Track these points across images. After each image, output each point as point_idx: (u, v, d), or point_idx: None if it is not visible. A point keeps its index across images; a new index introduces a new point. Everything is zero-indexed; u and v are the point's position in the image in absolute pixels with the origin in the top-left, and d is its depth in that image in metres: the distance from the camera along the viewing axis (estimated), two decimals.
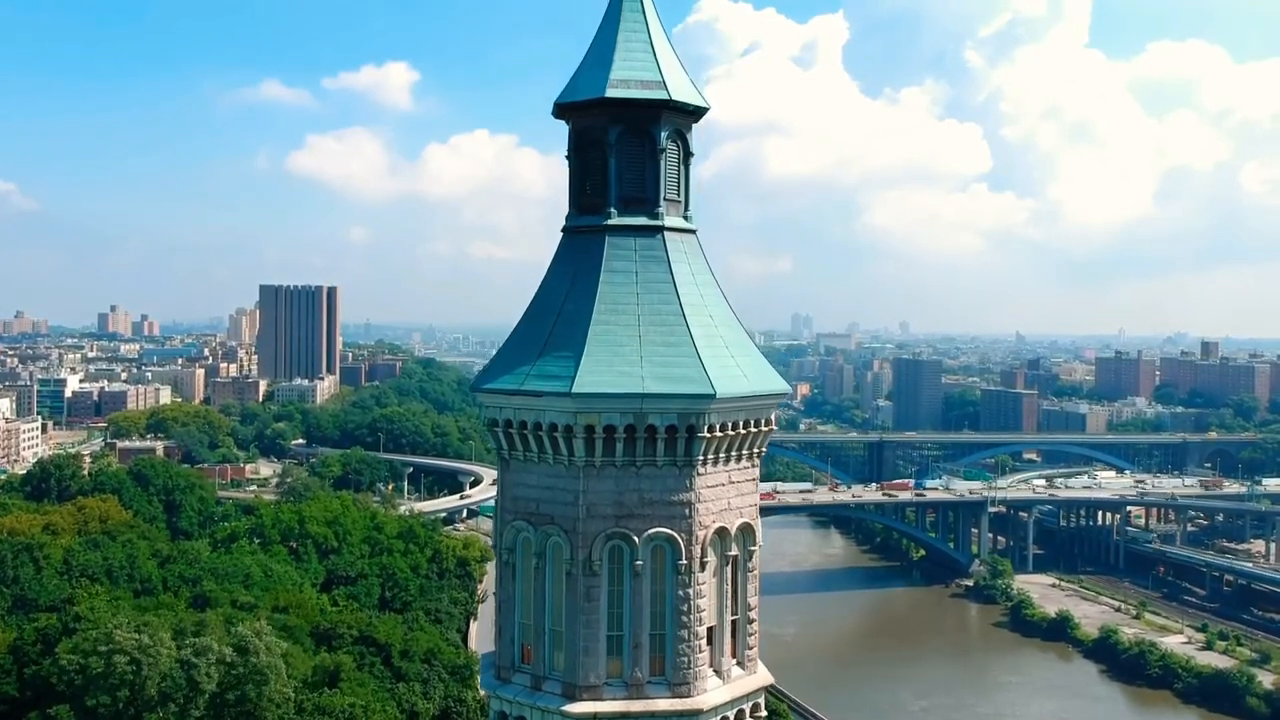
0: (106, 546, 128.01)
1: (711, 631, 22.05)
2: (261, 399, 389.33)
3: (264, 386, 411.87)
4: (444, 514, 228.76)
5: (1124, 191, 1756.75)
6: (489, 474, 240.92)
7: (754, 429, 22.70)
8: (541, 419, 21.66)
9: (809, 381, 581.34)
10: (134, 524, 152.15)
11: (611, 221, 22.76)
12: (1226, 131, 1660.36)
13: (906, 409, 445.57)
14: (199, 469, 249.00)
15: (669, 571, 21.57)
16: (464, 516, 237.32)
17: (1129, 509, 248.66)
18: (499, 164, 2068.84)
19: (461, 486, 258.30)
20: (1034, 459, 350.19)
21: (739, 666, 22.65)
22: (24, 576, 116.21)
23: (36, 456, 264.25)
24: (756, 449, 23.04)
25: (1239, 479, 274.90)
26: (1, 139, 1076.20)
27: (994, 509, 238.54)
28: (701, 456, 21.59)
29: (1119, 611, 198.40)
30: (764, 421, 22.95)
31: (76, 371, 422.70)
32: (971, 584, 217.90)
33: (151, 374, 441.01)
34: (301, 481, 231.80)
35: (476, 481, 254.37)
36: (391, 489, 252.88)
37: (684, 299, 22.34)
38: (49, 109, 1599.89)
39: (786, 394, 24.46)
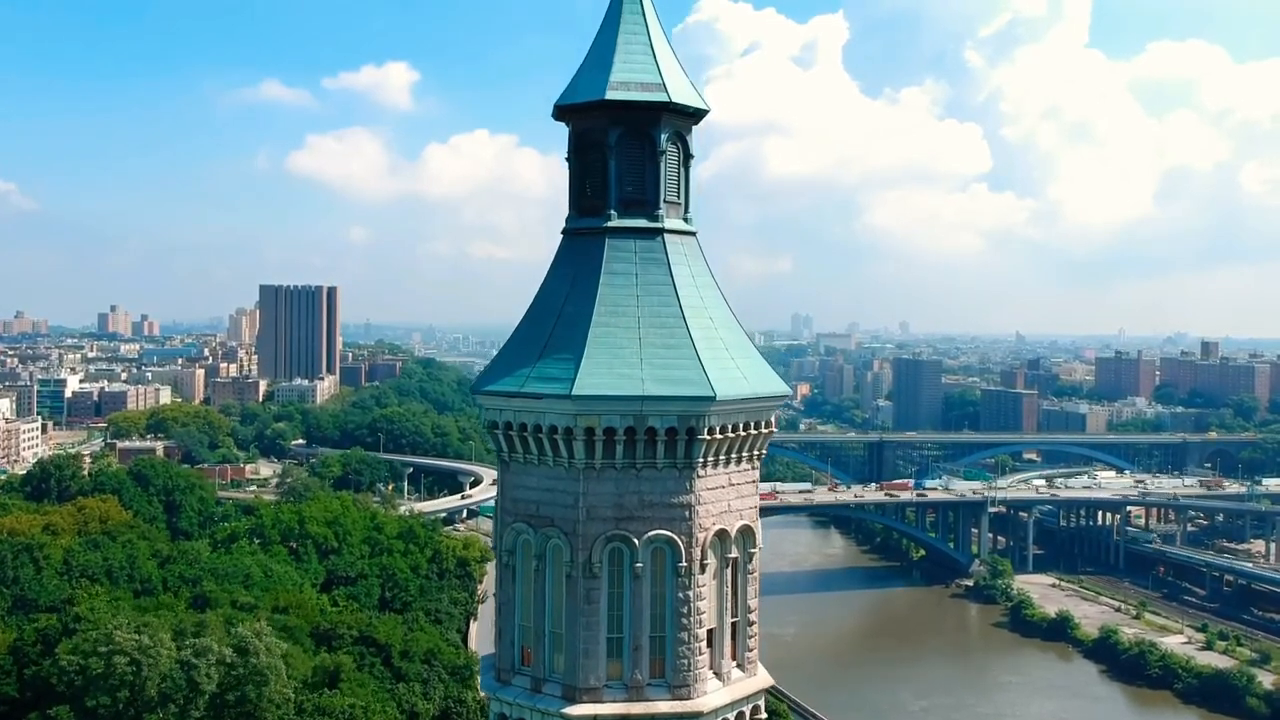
0: (106, 547, 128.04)
1: (711, 634, 22.02)
2: (261, 399, 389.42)
3: (264, 387, 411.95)
4: (444, 514, 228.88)
5: (1124, 191, 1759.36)
6: (489, 474, 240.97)
7: (754, 431, 22.68)
8: (541, 421, 21.64)
9: (809, 381, 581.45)
10: (134, 524, 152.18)
11: (611, 224, 22.73)
12: (1226, 131, 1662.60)
13: (906, 409, 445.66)
14: (199, 469, 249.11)
15: (669, 574, 21.55)
16: (464, 517, 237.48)
17: (1129, 509, 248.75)
18: (499, 164, 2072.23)
19: (461, 487, 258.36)
20: (1034, 459, 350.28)
21: (739, 669, 22.62)
22: (24, 577, 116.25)
23: (36, 457, 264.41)
24: (756, 451, 23.02)
25: (1239, 479, 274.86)
26: (1, 139, 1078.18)
27: (994, 509, 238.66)
28: (701, 459, 21.57)
29: (1119, 611, 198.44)
30: (764, 424, 22.94)
31: (76, 371, 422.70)
32: (971, 584, 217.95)
33: (151, 374, 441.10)
34: (301, 482, 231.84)
35: (476, 482, 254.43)
36: (391, 489, 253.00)
37: (684, 301, 22.31)
38: (49, 109, 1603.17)
39: (787, 396, 24.43)
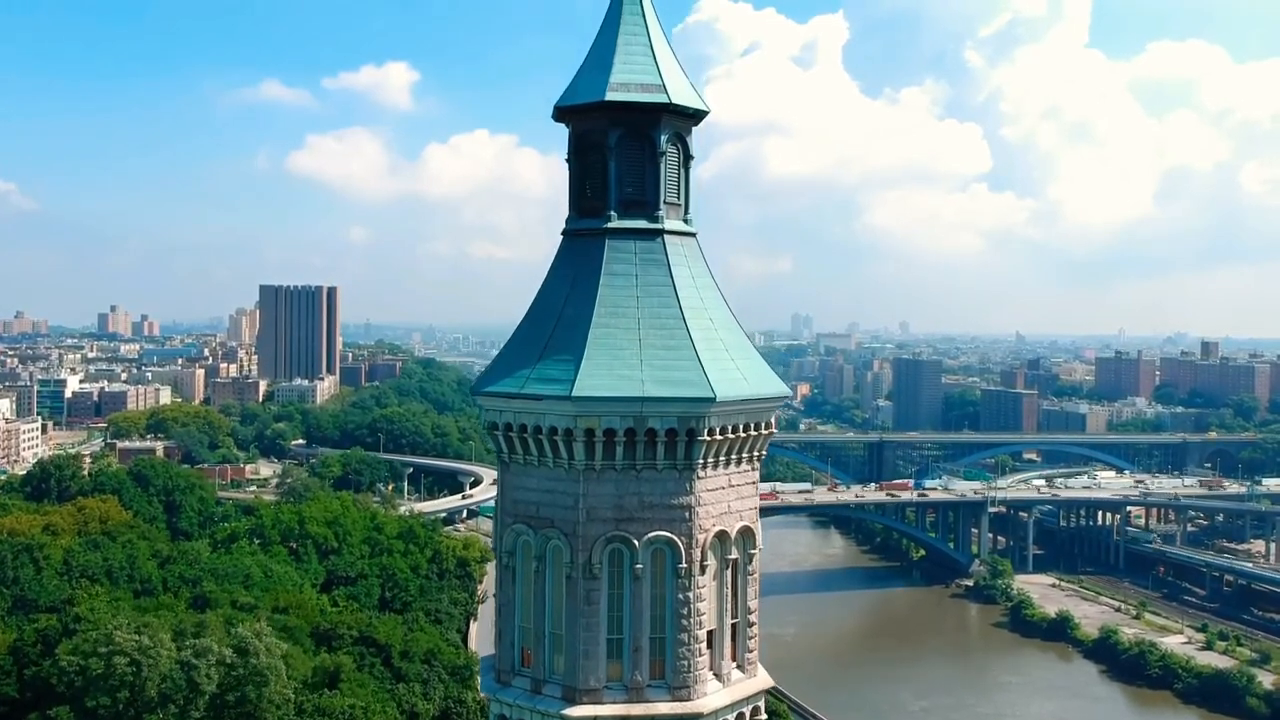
0: (106, 547, 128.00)
1: (711, 635, 22.02)
2: (261, 399, 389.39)
3: (264, 387, 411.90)
4: (444, 514, 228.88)
5: (1124, 191, 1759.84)
6: (489, 474, 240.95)
7: (754, 432, 22.68)
8: (541, 422, 21.64)
9: (809, 381, 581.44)
10: (134, 524, 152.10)
11: (611, 225, 22.72)
12: (1226, 131, 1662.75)
13: (906, 409, 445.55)
14: (199, 469, 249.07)
15: (669, 575, 21.55)
16: (464, 517, 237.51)
17: (1129, 509, 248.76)
18: (499, 164, 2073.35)
19: (461, 487, 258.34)
20: (1034, 459, 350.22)
21: (739, 670, 22.63)
22: (24, 577, 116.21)
23: (36, 457, 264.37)
24: (756, 452, 23.02)
25: (1239, 479, 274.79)
26: (1, 139, 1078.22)
27: (994, 509, 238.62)
28: (701, 460, 21.57)
29: (1119, 611, 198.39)
30: (764, 425, 22.94)
31: (76, 372, 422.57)
32: (971, 584, 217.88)
33: (151, 374, 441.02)
34: (301, 482, 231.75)
35: (476, 482, 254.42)
36: (391, 489, 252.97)
37: (684, 302, 22.31)
38: (49, 109, 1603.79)
39: (787, 397, 24.44)
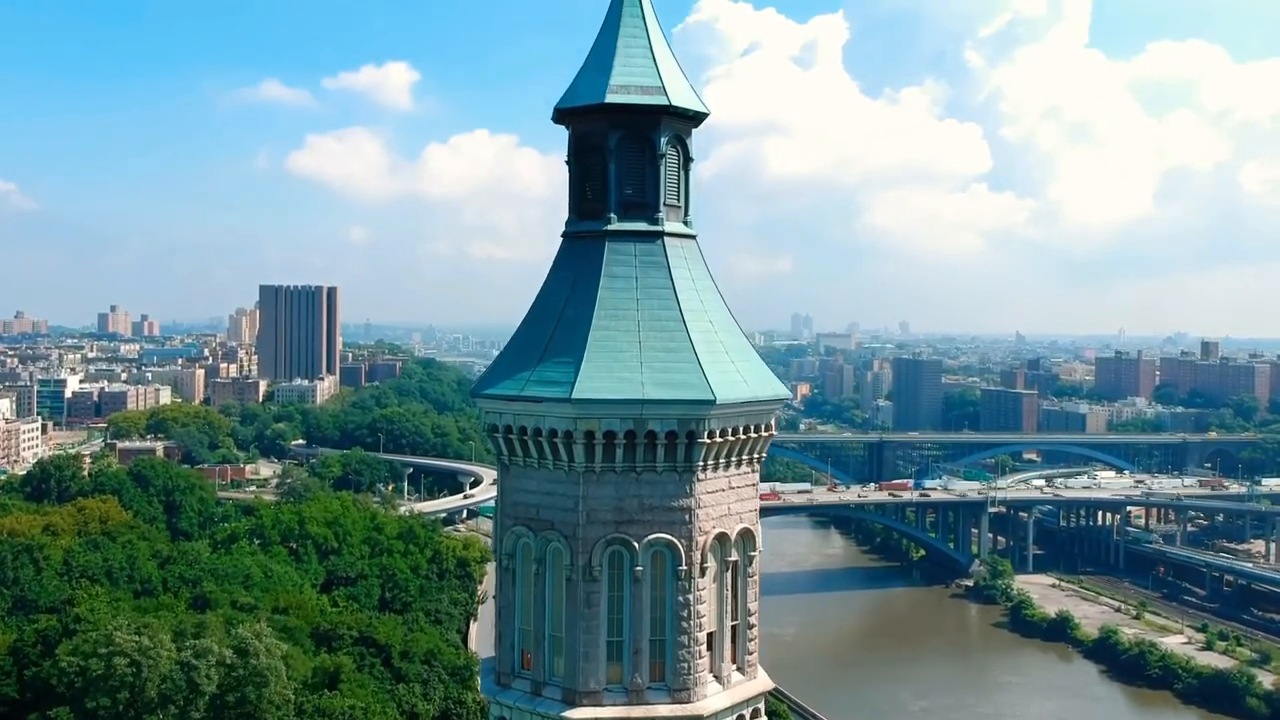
0: (106, 547, 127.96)
1: (711, 637, 22.01)
2: (261, 399, 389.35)
3: (264, 387, 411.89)
4: (444, 514, 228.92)
5: (1124, 191, 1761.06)
6: (489, 474, 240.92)
7: (754, 434, 22.67)
8: (541, 425, 21.63)
9: (809, 381, 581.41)
10: (134, 525, 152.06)
11: (611, 227, 22.71)
12: (1226, 131, 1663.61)
13: (906, 409, 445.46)
14: (199, 469, 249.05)
15: (669, 577, 21.54)
16: (464, 517, 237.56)
17: (1129, 509, 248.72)
18: (499, 164, 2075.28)
19: (461, 487, 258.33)
20: (1034, 459, 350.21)
21: (739, 672, 22.61)
22: (24, 578, 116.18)
23: (36, 457, 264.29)
24: (756, 454, 23.01)
25: (1239, 479, 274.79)
26: (1, 139, 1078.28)
27: (994, 509, 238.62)
28: (701, 462, 21.56)
29: (1119, 612, 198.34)
30: (764, 427, 22.93)
31: (76, 372, 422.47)
32: (971, 584, 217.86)
33: (151, 374, 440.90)
34: (301, 482, 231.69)
35: (476, 482, 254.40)
36: (391, 489, 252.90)
37: (684, 304, 22.30)
38: (49, 109, 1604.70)
39: (786, 399, 24.44)
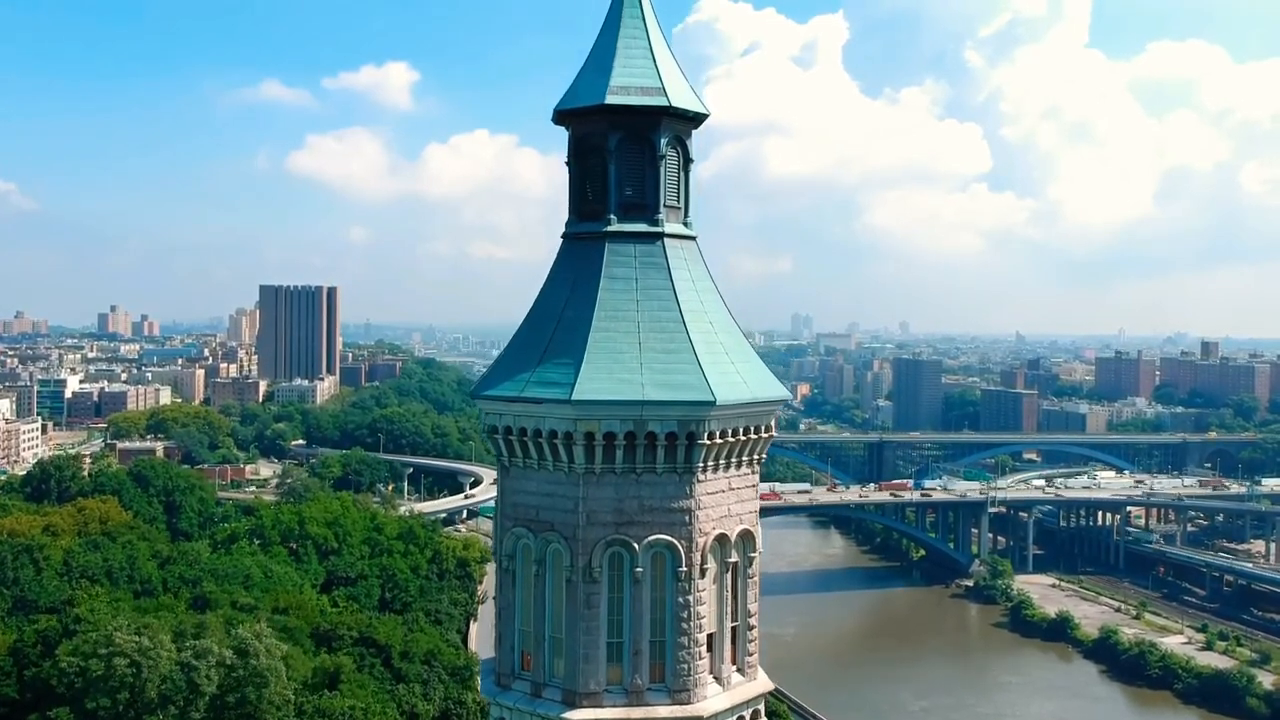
0: (106, 548, 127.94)
1: (711, 638, 22.00)
2: (261, 399, 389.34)
3: (264, 387, 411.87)
4: (444, 515, 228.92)
5: (1124, 191, 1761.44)
6: (489, 474, 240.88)
7: (754, 435, 22.67)
8: (541, 426, 21.63)
9: (809, 381, 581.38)
10: (134, 525, 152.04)
11: (611, 228, 22.70)
12: (1226, 131, 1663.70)
13: (906, 409, 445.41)
14: (199, 470, 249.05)
15: (669, 578, 21.54)
16: (464, 517, 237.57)
17: (1129, 509, 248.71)
18: (499, 164, 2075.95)
19: (461, 487, 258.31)
20: (1034, 459, 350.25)
21: (739, 673, 22.61)
22: (24, 578, 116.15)
23: (36, 457, 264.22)
24: (756, 455, 23.01)
25: (1239, 479, 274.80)
26: (1, 139, 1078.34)
27: (994, 509, 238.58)
28: (701, 463, 21.56)
29: (1119, 612, 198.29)
30: (764, 428, 22.93)
31: (76, 372, 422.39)
32: (971, 584, 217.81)
33: (151, 374, 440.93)
34: (301, 482, 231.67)
35: (476, 482, 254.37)
36: (391, 490, 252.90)
37: (684, 305, 22.29)
38: (49, 109, 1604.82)
39: (786, 400, 24.44)
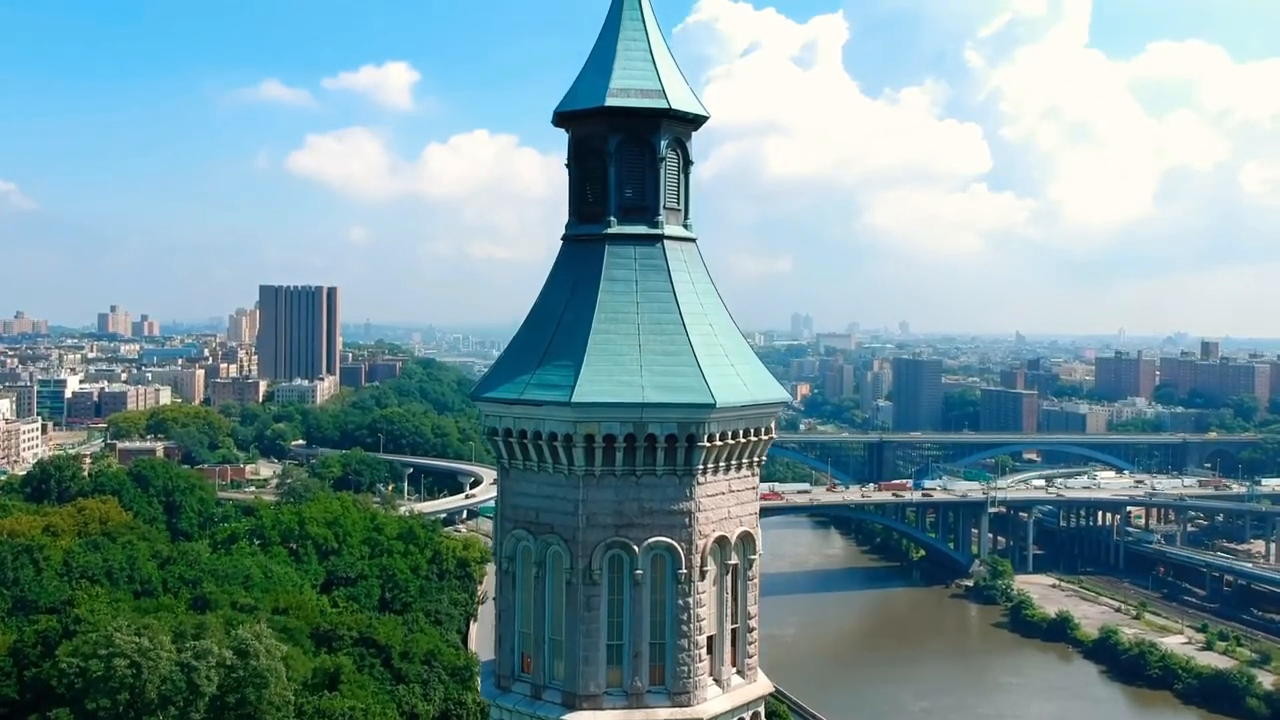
0: (106, 548, 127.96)
1: (711, 640, 22.00)
2: (261, 399, 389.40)
3: (264, 387, 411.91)
4: (444, 515, 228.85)
5: (1124, 191, 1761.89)
6: (489, 474, 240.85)
7: (754, 438, 22.66)
8: (541, 428, 21.62)
9: (809, 381, 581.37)
10: (134, 525, 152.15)
11: (611, 230, 22.69)
12: (1226, 131, 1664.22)
13: (906, 409, 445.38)
14: (199, 470, 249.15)
15: (669, 580, 21.53)
16: (464, 517, 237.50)
17: (1129, 509, 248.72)
18: (499, 164, 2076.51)
19: (461, 487, 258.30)
20: (1034, 459, 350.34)
21: (739, 675, 22.60)
22: (24, 578, 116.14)
23: (36, 457, 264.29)
24: (756, 457, 23.00)
25: (1239, 479, 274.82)
26: (1, 139, 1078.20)
27: (994, 509, 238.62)
28: (701, 466, 21.55)
29: (1119, 612, 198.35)
30: (764, 430, 22.93)
31: (76, 372, 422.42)
32: (971, 584, 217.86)
33: (151, 374, 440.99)
34: (301, 482, 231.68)
35: (477, 482, 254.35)
36: (391, 490, 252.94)
37: (684, 308, 22.28)
38: (49, 109, 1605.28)
39: (786, 402, 24.43)
